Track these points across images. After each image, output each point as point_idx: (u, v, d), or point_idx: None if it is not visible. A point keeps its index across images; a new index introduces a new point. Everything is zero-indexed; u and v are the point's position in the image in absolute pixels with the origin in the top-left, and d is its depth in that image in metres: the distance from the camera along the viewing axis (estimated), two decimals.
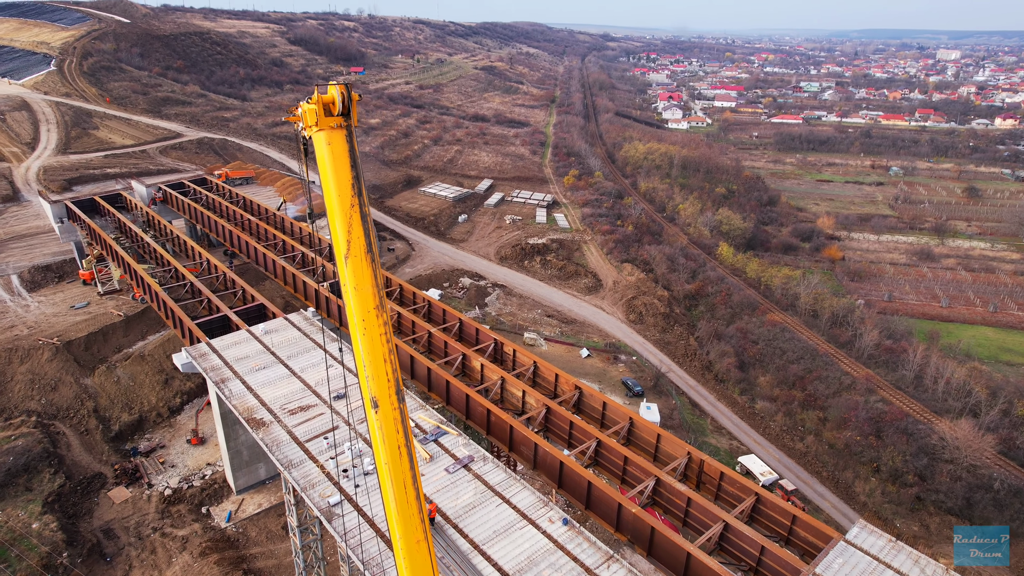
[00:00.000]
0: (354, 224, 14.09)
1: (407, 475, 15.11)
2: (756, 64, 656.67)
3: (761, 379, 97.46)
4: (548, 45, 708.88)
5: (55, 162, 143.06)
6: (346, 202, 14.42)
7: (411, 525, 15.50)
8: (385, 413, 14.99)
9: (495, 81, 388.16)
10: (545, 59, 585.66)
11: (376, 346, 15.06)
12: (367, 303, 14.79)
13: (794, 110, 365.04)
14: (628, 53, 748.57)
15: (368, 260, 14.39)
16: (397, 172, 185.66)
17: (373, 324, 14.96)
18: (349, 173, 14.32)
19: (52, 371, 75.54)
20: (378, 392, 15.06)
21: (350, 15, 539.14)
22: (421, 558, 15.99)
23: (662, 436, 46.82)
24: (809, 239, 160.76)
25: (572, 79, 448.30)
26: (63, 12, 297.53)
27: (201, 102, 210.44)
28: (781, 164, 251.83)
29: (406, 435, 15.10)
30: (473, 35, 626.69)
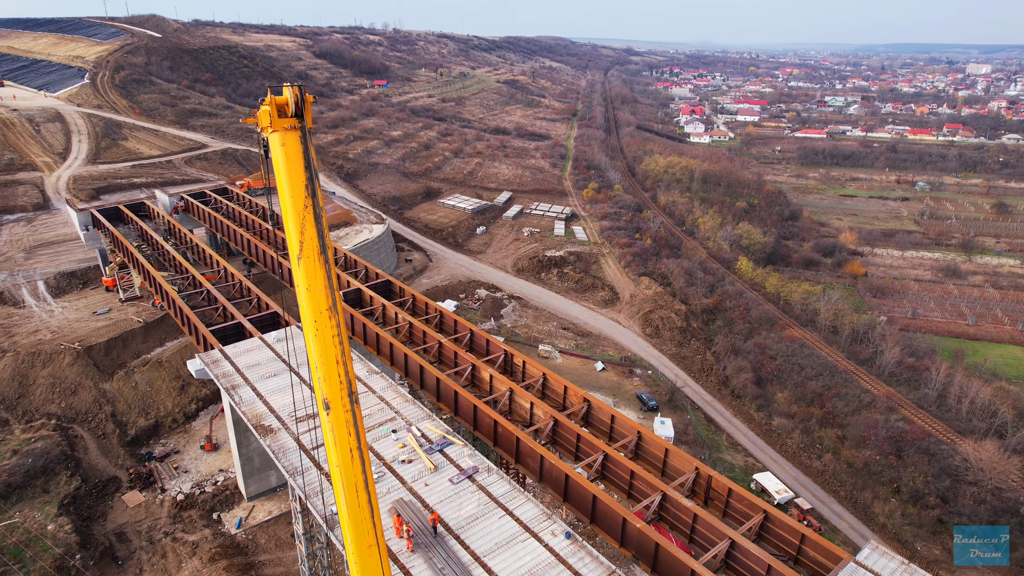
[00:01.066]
0: (307, 225, 14.18)
1: (359, 478, 15.04)
2: (780, 79, 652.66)
3: (778, 395, 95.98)
4: (571, 59, 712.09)
5: (84, 172, 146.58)
6: (299, 203, 14.53)
7: (362, 529, 15.41)
8: (337, 415, 14.96)
9: (517, 94, 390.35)
10: (568, 73, 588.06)
11: (328, 348, 15.07)
12: (319, 304, 14.83)
13: (818, 125, 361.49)
14: (651, 67, 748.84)
15: (321, 261, 14.46)
16: (417, 184, 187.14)
17: (326, 325, 14.99)
18: (303, 174, 14.44)
19: (73, 375, 76.95)
20: (330, 394, 15.05)
21: (375, 29, 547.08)
22: (372, 562, 15.88)
23: (670, 451, 46.25)
24: (831, 254, 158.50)
25: (594, 93, 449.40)
26: (98, 28, 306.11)
27: (227, 114, 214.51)
28: (804, 179, 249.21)
29: (358, 438, 15.03)
30: (496, 49, 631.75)
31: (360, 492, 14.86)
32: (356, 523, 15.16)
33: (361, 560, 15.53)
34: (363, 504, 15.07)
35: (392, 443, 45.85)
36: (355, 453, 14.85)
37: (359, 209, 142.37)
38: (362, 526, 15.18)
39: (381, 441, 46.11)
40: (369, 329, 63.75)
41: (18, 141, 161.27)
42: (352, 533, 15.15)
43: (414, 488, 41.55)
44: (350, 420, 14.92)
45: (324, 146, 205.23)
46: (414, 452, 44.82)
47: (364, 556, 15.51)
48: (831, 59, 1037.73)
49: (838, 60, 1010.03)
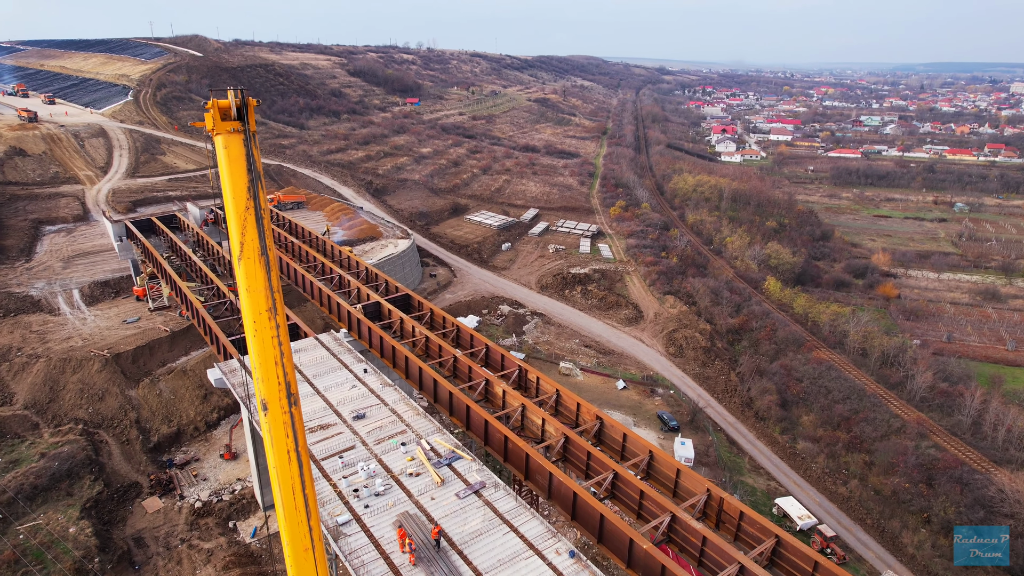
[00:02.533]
0: (248, 226, 14.37)
1: (295, 481, 15.05)
2: (815, 98, 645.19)
3: (804, 418, 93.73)
4: (603, 78, 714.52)
5: (123, 185, 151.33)
6: (241, 204, 14.79)
7: (299, 532, 15.37)
8: (275, 416, 15.02)
9: (547, 113, 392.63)
10: (599, 92, 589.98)
11: (267, 349, 15.19)
12: (259, 305, 14.97)
13: (853, 144, 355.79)
14: (683, 86, 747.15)
15: (262, 262, 14.63)
16: (444, 200, 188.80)
17: (265, 327, 15.11)
18: (245, 176, 14.66)
19: (100, 382, 78.89)
20: (267, 395, 15.13)
21: (409, 48, 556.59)
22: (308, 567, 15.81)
23: (682, 471, 45.39)
24: (863, 275, 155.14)
25: (625, 111, 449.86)
26: (144, 47, 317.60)
27: (261, 130, 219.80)
28: (837, 199, 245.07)
29: (296, 440, 15.07)
30: (529, 68, 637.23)
31: (297, 494, 14.89)
32: (292, 526, 15.18)
33: (297, 563, 15.52)
34: (300, 506, 15.10)
35: (401, 456, 45.89)
36: (292, 455, 14.91)
37: (385, 224, 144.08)
38: (298, 529, 15.20)
39: (390, 454, 46.20)
40: (386, 342, 64.13)
41: (64, 155, 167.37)
42: (288, 536, 15.17)
43: (420, 502, 41.46)
44: (288, 422, 15.02)
45: (355, 162, 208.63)
46: (422, 465, 44.78)
47: (300, 559, 15.50)
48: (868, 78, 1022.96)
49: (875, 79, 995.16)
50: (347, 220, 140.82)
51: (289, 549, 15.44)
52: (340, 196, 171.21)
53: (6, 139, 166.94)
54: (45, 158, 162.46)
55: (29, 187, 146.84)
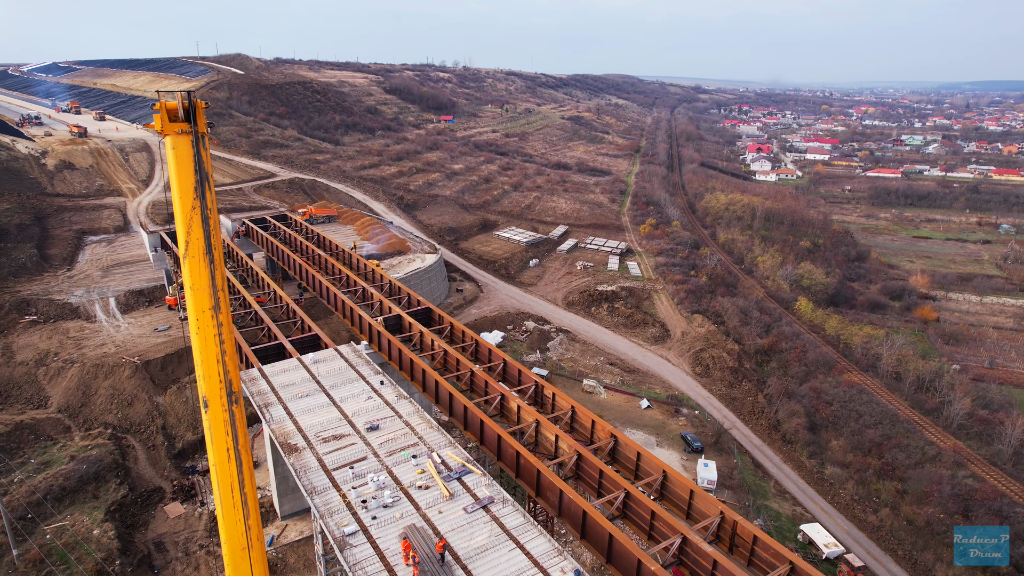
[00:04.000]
0: (194, 225, 14.58)
1: (234, 479, 15.05)
2: (855, 117, 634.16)
3: (833, 443, 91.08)
4: (638, 97, 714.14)
5: (163, 198, 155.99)
6: (187, 204, 15.04)
7: (236, 531, 15.36)
8: (215, 414, 15.11)
9: (581, 131, 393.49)
10: (634, 110, 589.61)
11: (209, 346, 15.30)
12: (202, 303, 15.13)
13: (893, 164, 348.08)
14: (720, 105, 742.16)
15: (206, 261, 14.81)
16: (474, 216, 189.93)
17: (207, 324, 15.24)
18: (192, 177, 14.89)
19: (130, 388, 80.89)
20: (208, 392, 15.23)
21: (445, 67, 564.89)
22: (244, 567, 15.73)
23: (695, 492, 44.42)
24: (900, 297, 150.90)
25: (659, 130, 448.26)
26: (189, 66, 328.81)
27: (297, 145, 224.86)
28: (874, 219, 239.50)
29: (236, 438, 15.09)
30: (563, 86, 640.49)
31: (235, 492, 14.92)
32: (230, 524, 15.21)
33: (233, 562, 15.51)
34: (238, 504, 15.12)
35: (412, 468, 45.88)
36: (232, 453, 14.97)
37: (414, 239, 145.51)
38: (236, 528, 15.21)
39: (401, 466, 46.23)
40: (404, 355, 64.49)
41: (109, 169, 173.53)
42: (226, 534, 15.18)
43: (428, 515, 41.32)
44: (228, 419, 15.10)
45: (387, 177, 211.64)
46: (432, 478, 44.69)
47: (236, 558, 15.49)
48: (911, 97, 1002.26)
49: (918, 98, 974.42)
50: (376, 234, 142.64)
51: (226, 547, 15.50)
52: (371, 211, 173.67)
53: (57, 153, 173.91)
54: (92, 171, 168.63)
55: (75, 199, 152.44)
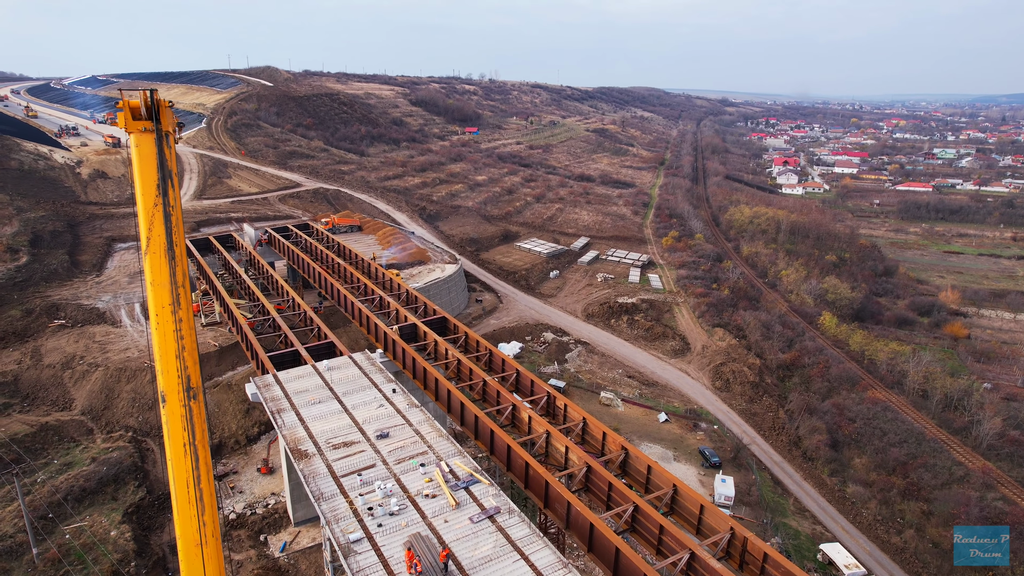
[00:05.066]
0: (155, 222, 14.73)
1: (190, 475, 15.07)
2: (885, 130, 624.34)
3: (856, 461, 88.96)
4: (664, 109, 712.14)
5: (190, 206, 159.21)
6: (150, 201, 15.21)
7: (190, 526, 15.34)
8: (172, 409, 15.16)
9: (605, 143, 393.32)
10: (659, 123, 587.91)
11: (168, 342, 15.39)
12: (162, 299, 15.25)
13: (924, 178, 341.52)
14: (746, 118, 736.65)
15: (167, 258, 14.93)
16: (496, 227, 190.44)
17: (167, 320, 15.35)
18: (155, 174, 15.05)
19: (151, 392, 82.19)
20: (166, 387, 15.29)
21: (471, 79, 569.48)
22: (197, 563, 15.69)
23: (705, 507, 43.70)
24: (929, 313, 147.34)
25: (684, 142, 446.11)
26: (220, 78, 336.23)
27: (323, 156, 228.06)
28: (903, 233, 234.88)
29: (193, 433, 15.13)
30: (589, 99, 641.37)
31: (192, 488, 14.96)
32: (185, 519, 15.25)
33: (187, 557, 15.52)
34: (193, 500, 15.15)
35: (420, 476, 45.83)
36: (189, 448, 15.03)
37: (435, 249, 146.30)
38: (190, 523, 15.23)
39: (409, 474, 46.21)
40: (418, 363, 64.71)
41: None
42: (180, 529, 15.22)
43: (433, 523, 41.18)
44: (186, 415, 15.17)
45: (410, 188, 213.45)
46: (439, 487, 44.57)
47: (190, 553, 15.49)
48: (944, 110, 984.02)
49: (952, 111, 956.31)
50: (398, 244, 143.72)
51: (180, 543, 15.58)
52: (394, 221, 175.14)
53: (92, 163, 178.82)
54: (123, 180, 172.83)
55: (107, 207, 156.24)
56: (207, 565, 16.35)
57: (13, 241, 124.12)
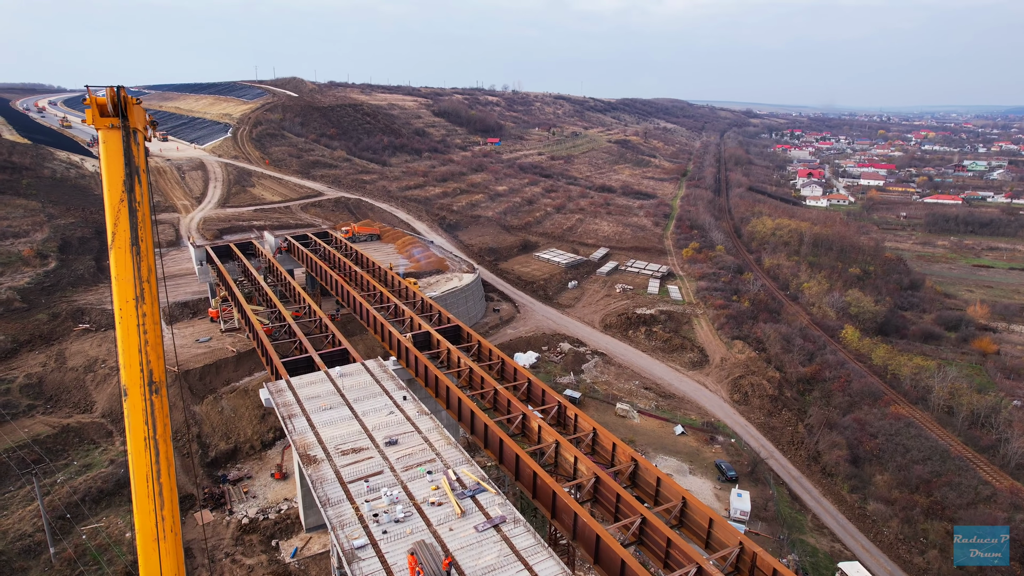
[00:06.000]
0: (121, 217, 14.86)
1: (151, 469, 15.09)
2: (913, 142, 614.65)
3: (877, 477, 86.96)
4: (687, 121, 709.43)
5: (214, 214, 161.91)
6: (116, 196, 15.36)
7: (148, 521, 15.34)
8: (134, 403, 15.23)
9: (627, 154, 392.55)
10: (682, 134, 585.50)
11: (131, 336, 15.48)
12: (126, 293, 15.36)
13: (953, 190, 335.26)
14: (771, 130, 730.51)
15: (132, 252, 15.05)
16: (515, 237, 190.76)
17: (130, 314, 15.45)
18: (121, 170, 15.18)
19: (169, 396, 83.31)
20: (128, 381, 15.38)
21: (495, 90, 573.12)
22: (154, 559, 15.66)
23: (715, 521, 42.94)
24: (956, 328, 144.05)
25: (707, 154, 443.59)
26: (247, 89, 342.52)
27: (346, 166, 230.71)
28: (931, 247, 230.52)
29: (154, 427, 15.16)
30: (612, 110, 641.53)
31: (151, 483, 15.00)
32: (143, 514, 15.28)
33: (144, 552, 15.53)
34: (153, 495, 15.16)
35: (426, 484, 45.71)
36: (149, 443, 15.08)
37: (453, 258, 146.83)
38: (148, 518, 15.26)
39: (416, 481, 46.12)
40: (430, 371, 64.74)
41: (166, 186, 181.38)
42: (139, 523, 15.22)
43: (438, 531, 41.00)
44: (147, 409, 15.24)
45: (431, 198, 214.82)
46: (445, 495, 44.40)
47: (147, 548, 15.51)
48: (975, 121, 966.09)
49: (983, 123, 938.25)
50: (416, 253, 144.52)
51: (139, 537, 15.63)
52: (413, 230, 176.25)
53: None
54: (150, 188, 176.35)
55: None
56: (164, 560, 16.45)
57: (43, 247, 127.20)
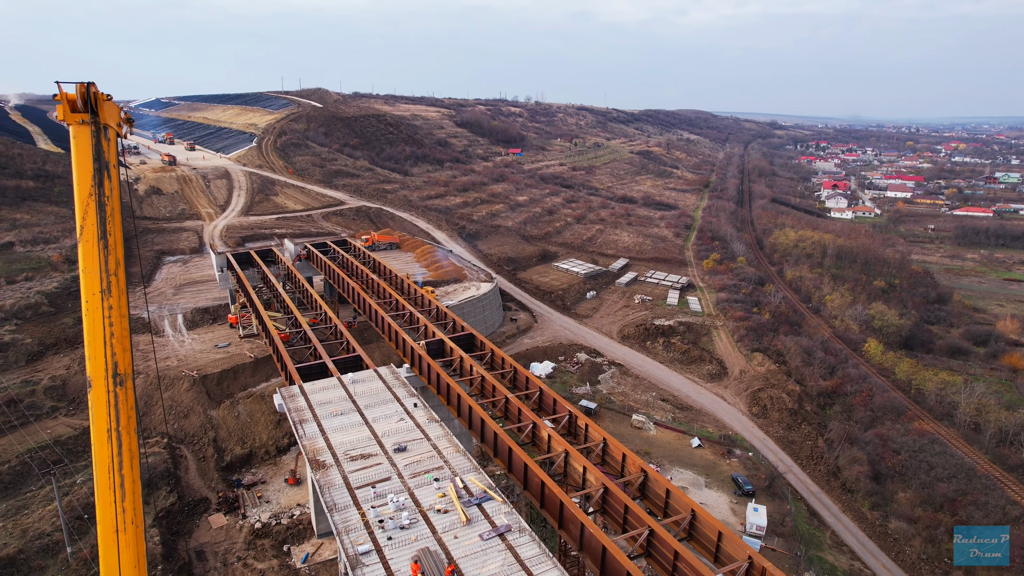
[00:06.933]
0: (89, 211, 14.98)
1: (113, 460, 15.10)
2: (943, 153, 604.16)
3: (900, 495, 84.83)
4: (711, 132, 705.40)
5: (237, 222, 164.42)
6: (85, 191, 15.48)
7: (109, 512, 15.33)
8: (98, 395, 15.27)
9: (649, 165, 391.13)
10: (705, 145, 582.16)
11: (96, 328, 15.56)
12: (92, 286, 15.46)
13: (984, 203, 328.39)
14: (796, 141, 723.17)
15: (100, 246, 15.15)
16: (534, 247, 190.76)
17: (96, 307, 15.55)
18: (91, 165, 15.32)
19: (187, 400, 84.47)
20: (93, 372, 15.43)
21: (517, 101, 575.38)
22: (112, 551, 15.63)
23: (724, 534, 42.20)
24: (985, 343, 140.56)
25: (731, 165, 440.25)
26: (273, 100, 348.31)
27: (368, 175, 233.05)
28: (960, 260, 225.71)
29: (117, 419, 15.20)
30: (635, 121, 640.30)
31: (113, 474, 15.05)
32: (104, 505, 15.31)
33: (104, 544, 15.57)
34: (115, 487, 15.19)
35: (433, 491, 45.62)
36: (113, 434, 15.13)
37: (471, 267, 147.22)
38: (109, 509, 15.30)
39: (423, 488, 46.06)
40: (441, 379, 64.83)
41: (192, 194, 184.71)
42: (100, 514, 15.30)
43: (443, 539, 40.83)
44: (112, 402, 15.32)
45: (452, 208, 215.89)
46: (451, 503, 44.26)
47: (108, 539, 15.53)
48: (1008, 133, 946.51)
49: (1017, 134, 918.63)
50: (434, 262, 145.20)
51: (99, 528, 15.71)
52: (433, 239, 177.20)
53: (148, 180, 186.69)
54: (176, 196, 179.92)
55: (159, 221, 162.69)
56: (124, 552, 16.53)
57: (72, 253, 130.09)
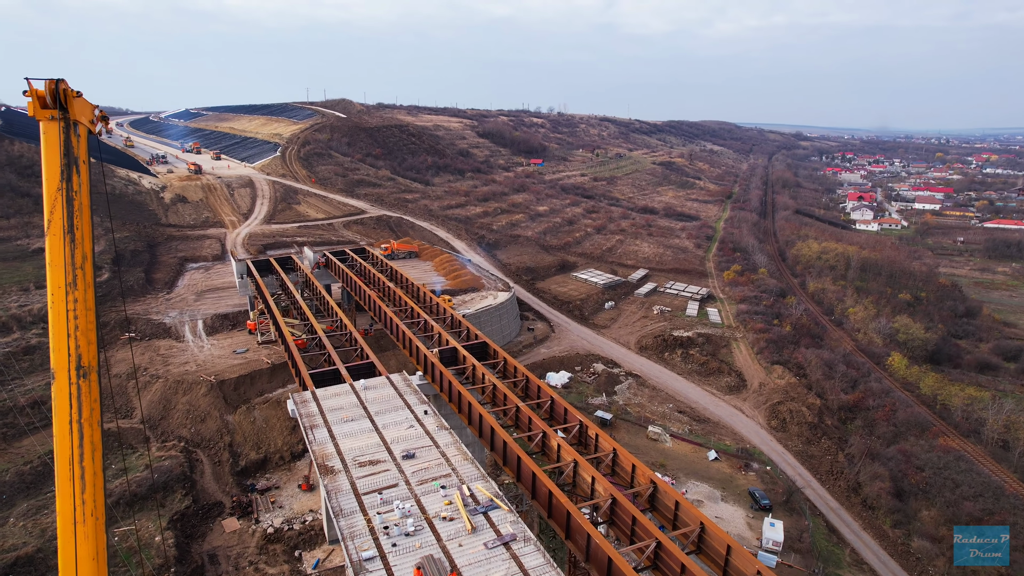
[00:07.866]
0: (57, 205, 15.15)
1: (74, 452, 15.17)
2: (973, 165, 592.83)
3: (923, 513, 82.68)
4: (734, 143, 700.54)
5: (259, 230, 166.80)
6: (53, 185, 15.67)
7: (68, 504, 15.36)
8: (60, 386, 15.34)
9: (671, 176, 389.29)
10: (729, 156, 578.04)
11: (60, 321, 15.69)
12: (58, 279, 15.61)
13: (1016, 215, 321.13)
14: (821, 152, 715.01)
15: (66, 240, 15.32)
16: (553, 257, 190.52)
17: (61, 300, 15.69)
18: (59, 160, 15.50)
19: (204, 405, 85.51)
20: (56, 364, 15.53)
21: (540, 112, 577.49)
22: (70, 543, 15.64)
23: (732, 548, 41.45)
24: (1016, 358, 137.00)
25: (754, 176, 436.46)
26: (297, 110, 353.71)
27: (389, 185, 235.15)
28: (990, 273, 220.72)
29: (80, 411, 15.26)
30: (657, 132, 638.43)
31: (74, 466, 15.13)
32: (64, 497, 15.39)
33: (63, 536, 15.62)
34: (76, 479, 15.25)
35: (439, 499, 45.49)
36: (74, 426, 15.24)
37: (489, 277, 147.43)
38: (68, 501, 15.37)
39: (429, 495, 45.95)
40: (453, 387, 64.86)
41: (216, 203, 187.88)
42: (59, 506, 15.38)
43: (447, 547, 40.65)
44: (74, 393, 15.42)
45: (472, 217, 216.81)
46: (457, 510, 44.08)
47: (66, 531, 15.59)
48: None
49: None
50: (452, 271, 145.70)
51: (59, 520, 15.82)
52: (452, 248, 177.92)
53: (174, 188, 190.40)
54: (201, 204, 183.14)
55: (184, 229, 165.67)
56: (81, 545, 16.65)
57: (98, 259, 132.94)
